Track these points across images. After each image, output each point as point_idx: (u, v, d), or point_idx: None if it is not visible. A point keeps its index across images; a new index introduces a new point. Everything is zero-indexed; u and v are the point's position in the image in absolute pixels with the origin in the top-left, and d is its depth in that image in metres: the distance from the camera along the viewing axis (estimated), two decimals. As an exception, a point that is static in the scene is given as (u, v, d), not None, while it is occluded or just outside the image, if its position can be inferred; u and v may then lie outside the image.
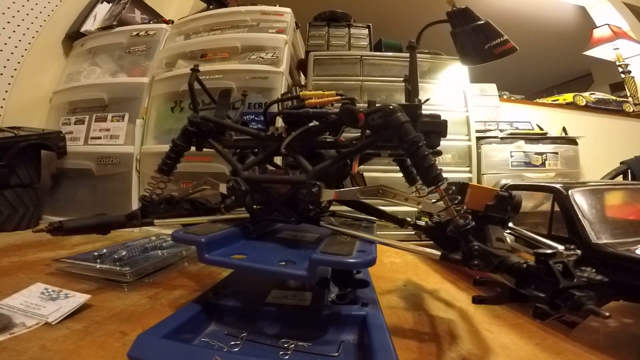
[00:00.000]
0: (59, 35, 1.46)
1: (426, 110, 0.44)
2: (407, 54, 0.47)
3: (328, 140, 0.50)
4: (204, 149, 0.58)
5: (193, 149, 0.58)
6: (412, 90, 0.45)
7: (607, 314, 0.26)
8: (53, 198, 1.25)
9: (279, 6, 1.37)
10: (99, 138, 1.24)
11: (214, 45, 1.28)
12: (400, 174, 0.64)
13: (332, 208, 0.58)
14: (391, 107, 0.39)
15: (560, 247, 0.35)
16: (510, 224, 0.62)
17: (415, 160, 0.39)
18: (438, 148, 0.47)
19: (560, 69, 3.37)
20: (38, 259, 0.73)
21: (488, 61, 0.68)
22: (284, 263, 0.38)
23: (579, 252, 0.31)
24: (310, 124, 0.47)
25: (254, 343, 0.38)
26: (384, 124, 0.40)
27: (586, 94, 1.87)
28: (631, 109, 1.88)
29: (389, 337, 0.36)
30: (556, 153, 1.32)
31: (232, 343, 0.37)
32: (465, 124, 1.27)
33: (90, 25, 1.46)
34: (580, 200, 0.55)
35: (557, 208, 0.57)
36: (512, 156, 1.29)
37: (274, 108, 0.55)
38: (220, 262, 0.40)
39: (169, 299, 0.54)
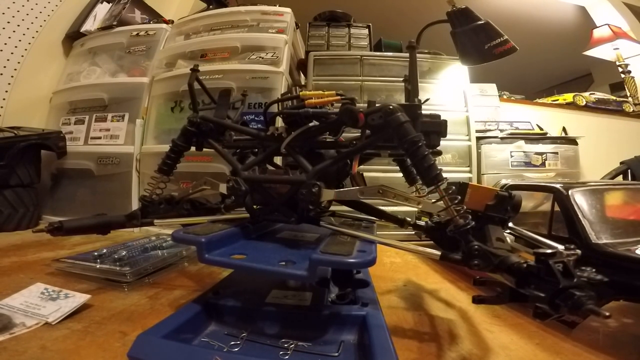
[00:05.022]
0: (59, 35, 1.46)
1: (426, 110, 0.44)
2: (407, 54, 0.47)
3: (328, 140, 0.50)
4: (204, 149, 0.58)
5: (193, 149, 0.58)
6: (412, 90, 0.45)
7: (607, 314, 0.26)
8: (53, 198, 1.25)
9: (279, 6, 1.37)
10: (99, 138, 1.24)
11: (214, 45, 1.28)
12: (400, 174, 0.64)
13: (332, 208, 0.58)
14: (391, 107, 0.39)
15: (560, 247, 0.35)
16: (510, 224, 0.62)
17: (415, 160, 0.39)
18: (438, 148, 0.47)
19: (560, 69, 3.37)
20: (38, 259, 0.73)
21: (488, 61, 0.68)
22: (284, 263, 0.38)
23: (579, 252, 0.31)
24: (310, 124, 0.47)
25: (254, 343, 0.38)
26: (384, 124, 0.40)
27: (586, 94, 1.87)
28: (631, 109, 1.88)
29: (389, 337, 0.36)
30: (556, 153, 1.32)
31: (232, 343, 0.37)
32: (465, 124, 1.27)
33: (90, 25, 1.46)
34: (580, 200, 0.55)
35: (557, 208, 0.57)
36: (512, 156, 1.29)
37: (274, 108, 0.55)
38: (220, 262, 0.40)
39: (169, 299, 0.54)
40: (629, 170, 1.14)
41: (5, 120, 1.24)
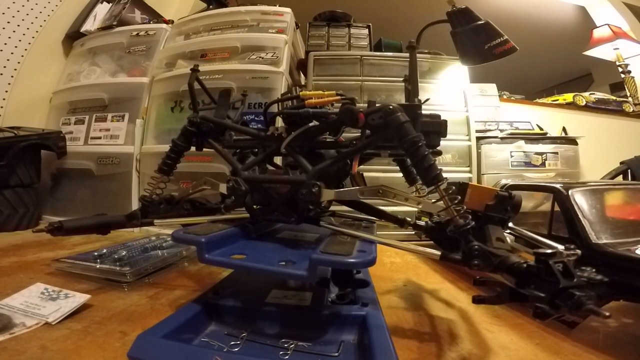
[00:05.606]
0: (59, 35, 1.46)
1: (426, 110, 0.44)
2: (407, 54, 0.47)
3: (328, 140, 0.50)
4: (204, 149, 0.58)
5: (193, 149, 0.58)
6: (412, 90, 0.45)
7: (607, 314, 0.26)
8: (53, 198, 1.25)
9: (279, 6, 1.37)
10: (99, 138, 1.24)
11: (214, 45, 1.28)
12: (400, 174, 0.64)
13: (332, 208, 0.58)
14: (391, 107, 0.39)
15: (560, 247, 0.35)
16: (510, 224, 0.62)
17: (415, 160, 0.39)
18: (438, 148, 0.47)
19: (560, 69, 3.37)
20: (38, 259, 0.73)
21: (488, 61, 0.68)
22: (284, 263, 0.38)
23: (579, 252, 0.31)
24: (310, 124, 0.47)
25: (254, 343, 0.38)
26: (384, 124, 0.40)
27: (586, 94, 1.87)
28: (631, 109, 1.88)
29: (389, 337, 0.36)
30: (556, 153, 1.32)
31: (232, 343, 0.37)
32: (465, 124, 1.27)
33: (90, 25, 1.46)
34: (580, 200, 0.55)
35: (557, 208, 0.57)
36: (512, 156, 1.29)
37: (274, 108, 0.55)
38: (220, 262, 0.40)
39: (169, 299, 0.54)
40: (629, 170, 1.14)
41: (5, 120, 1.24)
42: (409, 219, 0.60)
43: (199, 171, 1.05)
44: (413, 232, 0.61)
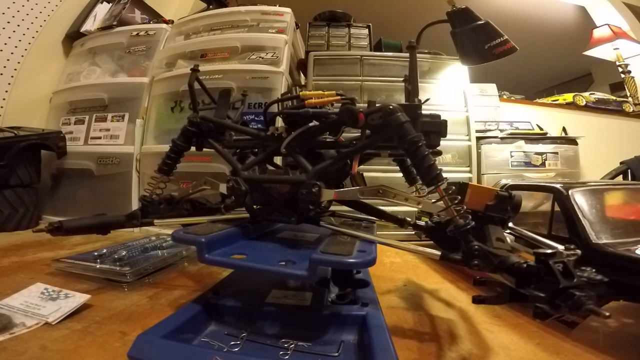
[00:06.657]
0: (59, 35, 1.46)
1: (426, 110, 0.44)
2: (407, 54, 0.47)
3: (328, 140, 0.50)
4: (204, 149, 0.58)
5: (193, 149, 0.58)
6: (412, 90, 0.45)
7: (607, 314, 0.26)
8: (53, 198, 1.25)
9: (279, 6, 1.37)
10: (99, 138, 1.24)
11: (214, 45, 1.28)
12: (400, 174, 0.64)
13: (332, 208, 0.58)
14: (391, 107, 0.39)
15: (560, 247, 0.35)
16: (510, 224, 0.62)
17: (415, 160, 0.39)
18: (438, 148, 0.47)
19: (560, 69, 3.37)
20: (38, 259, 0.73)
21: (488, 61, 0.68)
22: (284, 263, 0.38)
23: (579, 252, 0.31)
24: (310, 124, 0.47)
25: (254, 343, 0.38)
26: (384, 124, 0.40)
27: (586, 94, 1.87)
28: (631, 109, 1.88)
29: (389, 337, 0.36)
30: (556, 153, 1.32)
31: (232, 343, 0.37)
32: (465, 124, 1.27)
33: (90, 25, 1.46)
34: (580, 200, 0.55)
35: (557, 208, 0.57)
36: (512, 156, 1.29)
37: (274, 108, 0.55)
38: (220, 262, 0.40)
39: (169, 299, 0.54)
40: (629, 170, 1.14)
41: (5, 120, 1.24)
42: (409, 219, 0.60)
43: (199, 171, 1.05)
44: (413, 232, 0.61)
